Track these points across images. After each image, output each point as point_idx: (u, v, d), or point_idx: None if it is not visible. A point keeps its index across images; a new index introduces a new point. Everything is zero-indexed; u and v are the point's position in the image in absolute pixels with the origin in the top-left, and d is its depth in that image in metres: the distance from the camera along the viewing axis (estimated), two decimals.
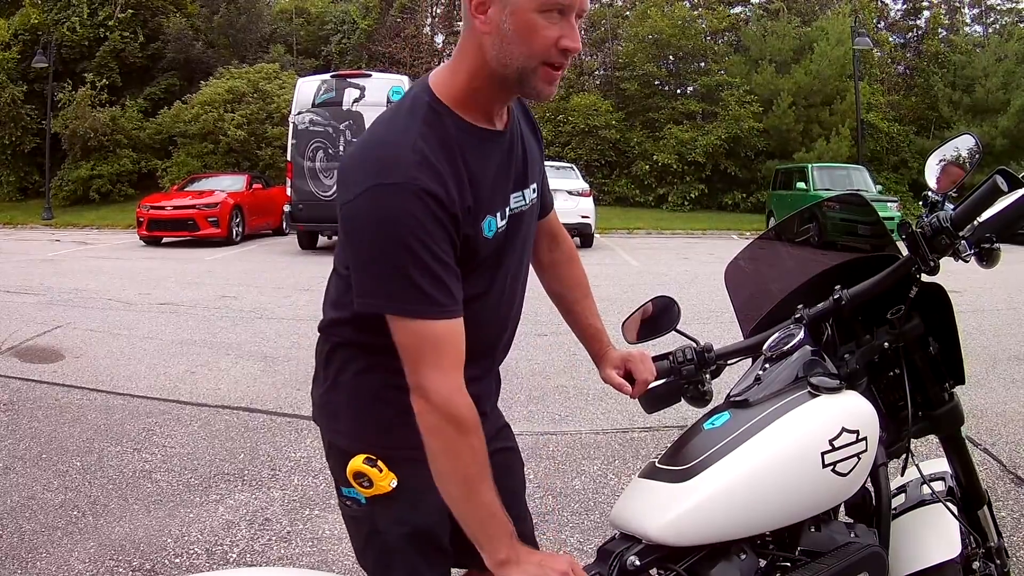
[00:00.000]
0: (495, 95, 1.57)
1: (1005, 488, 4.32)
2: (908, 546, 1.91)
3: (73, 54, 29.70)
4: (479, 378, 1.73)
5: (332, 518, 3.96)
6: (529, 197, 1.72)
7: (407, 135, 1.50)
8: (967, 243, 1.71)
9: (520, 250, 1.73)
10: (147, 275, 13.14)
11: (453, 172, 1.50)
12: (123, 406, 5.91)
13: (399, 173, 1.44)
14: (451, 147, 1.52)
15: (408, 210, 1.43)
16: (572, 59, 1.54)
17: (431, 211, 1.45)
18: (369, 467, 1.63)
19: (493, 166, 1.60)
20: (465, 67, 1.55)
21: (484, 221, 1.57)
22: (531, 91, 1.54)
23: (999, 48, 29.42)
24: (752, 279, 2.32)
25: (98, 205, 27.59)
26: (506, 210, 1.64)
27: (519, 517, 1.93)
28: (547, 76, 1.52)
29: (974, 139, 1.88)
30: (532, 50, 1.48)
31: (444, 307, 1.47)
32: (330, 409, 1.79)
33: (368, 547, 1.77)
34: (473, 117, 1.57)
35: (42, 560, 3.56)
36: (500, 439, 1.92)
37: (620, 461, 4.77)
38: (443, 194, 1.46)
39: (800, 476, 1.59)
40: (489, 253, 1.61)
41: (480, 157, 1.57)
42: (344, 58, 32.16)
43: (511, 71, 1.51)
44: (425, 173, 1.45)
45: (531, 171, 1.74)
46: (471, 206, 1.53)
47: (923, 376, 1.86)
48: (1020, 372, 6.74)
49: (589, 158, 28.72)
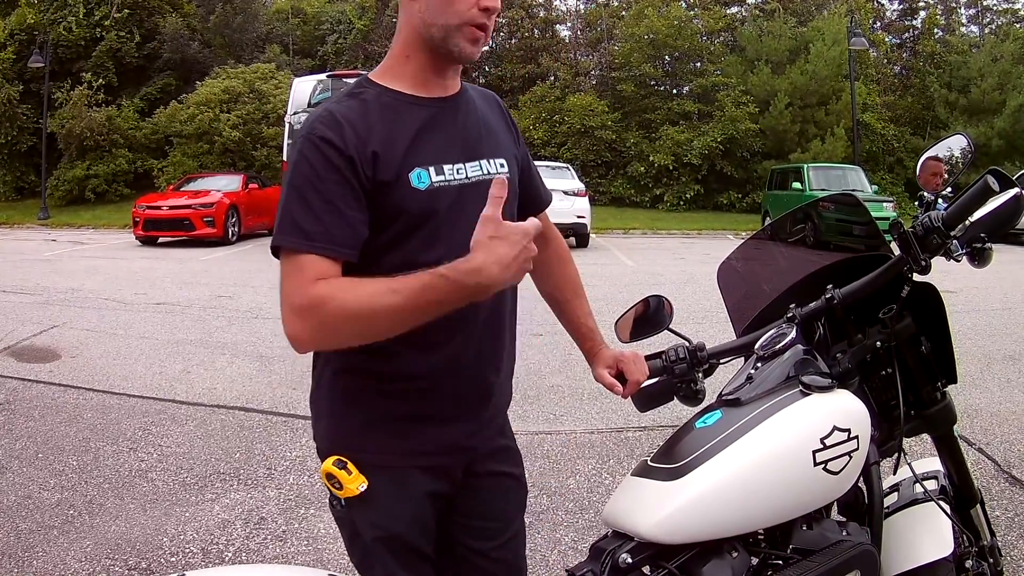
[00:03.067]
0: (423, 62, 1.66)
1: (999, 487, 4.33)
2: (901, 544, 1.92)
3: (69, 54, 29.63)
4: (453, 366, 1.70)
5: (327, 517, 3.96)
6: (490, 170, 1.72)
7: (327, 104, 1.64)
8: (959, 243, 1.72)
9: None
10: (143, 275, 13.12)
11: (360, 123, 1.58)
12: (119, 405, 5.90)
13: (305, 128, 1.59)
14: (366, 108, 1.62)
15: (302, 154, 1.55)
16: (494, 20, 1.63)
17: (321, 152, 1.54)
18: (338, 469, 1.64)
19: (417, 122, 1.65)
20: (400, 40, 1.68)
21: (411, 172, 1.61)
22: (456, 51, 1.62)
23: (995, 49, 29.46)
24: (745, 278, 2.32)
25: (94, 205, 27.53)
26: (445, 168, 1.65)
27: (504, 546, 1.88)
28: (470, 35, 1.61)
29: (966, 139, 1.89)
30: (454, 9, 1.59)
31: (314, 242, 1.51)
32: (313, 409, 1.82)
33: (352, 547, 1.80)
34: (402, 86, 1.67)
35: (39, 559, 3.56)
36: (501, 461, 1.88)
37: (614, 460, 4.78)
38: (335, 138, 1.55)
39: (792, 474, 1.60)
40: (429, 209, 1.62)
41: (400, 114, 1.64)
42: (340, 58, 32.12)
43: (436, 31, 1.61)
44: (325, 123, 1.57)
45: (490, 145, 1.76)
46: (377, 152, 1.57)
47: (915, 375, 1.87)
48: (1015, 372, 6.75)
49: (585, 158, 28.72)
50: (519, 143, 1.89)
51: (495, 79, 31.97)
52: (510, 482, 1.90)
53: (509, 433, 1.93)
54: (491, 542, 1.85)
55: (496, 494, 1.86)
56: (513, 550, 1.91)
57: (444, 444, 1.74)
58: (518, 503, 1.94)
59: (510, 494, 1.91)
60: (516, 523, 1.93)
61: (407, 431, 1.70)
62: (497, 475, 1.86)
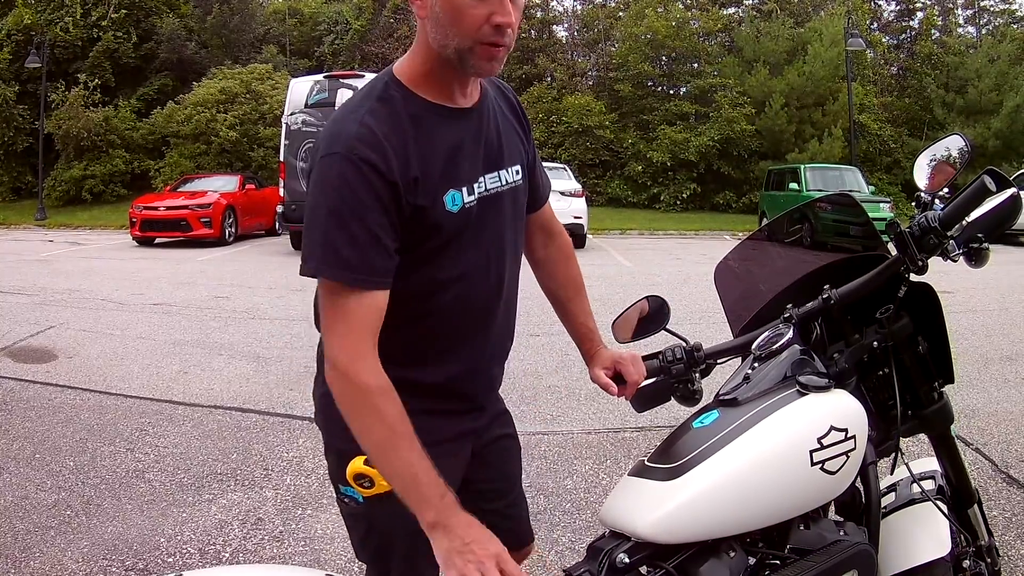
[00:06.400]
0: (446, 75, 1.61)
1: (997, 487, 4.34)
2: (898, 544, 1.91)
3: (66, 54, 29.63)
4: (469, 372, 1.76)
5: (324, 517, 3.97)
6: (508, 179, 1.73)
7: (358, 111, 1.56)
8: (956, 243, 1.72)
9: (500, 233, 1.73)
10: (140, 275, 13.11)
11: (399, 144, 1.54)
12: (116, 406, 5.90)
13: (341, 143, 1.51)
14: (400, 121, 1.57)
15: (344, 177, 1.49)
16: (510, 33, 1.54)
17: (366, 178, 1.49)
18: (370, 467, 1.63)
19: (451, 140, 1.62)
20: (419, 51, 1.62)
21: (446, 195, 1.60)
22: (472, 70, 1.57)
23: (992, 49, 29.52)
24: (742, 279, 2.32)
25: (91, 205, 27.53)
26: (474, 187, 1.65)
27: (513, 502, 2.00)
28: (485, 54, 1.54)
29: (963, 139, 1.89)
30: (463, 31, 1.51)
31: (358, 275, 1.51)
32: (326, 412, 1.79)
33: (367, 543, 1.80)
34: (430, 95, 1.62)
35: (35, 560, 3.56)
36: (498, 425, 1.96)
37: (612, 461, 4.78)
38: (380, 162, 1.50)
39: (789, 474, 1.59)
40: (458, 229, 1.63)
41: (434, 131, 1.60)
42: (337, 58, 32.12)
43: (449, 52, 1.55)
44: (365, 143, 1.51)
45: (508, 153, 1.75)
46: (418, 177, 1.55)
47: (912, 375, 1.87)
48: (1012, 372, 6.76)
49: (583, 159, 28.73)
50: (528, 139, 1.88)
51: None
52: (509, 442, 2.00)
53: (501, 398, 2.01)
54: (503, 500, 1.98)
55: (501, 456, 1.97)
56: (521, 503, 2.05)
57: (455, 433, 1.80)
58: (517, 458, 2.06)
59: (511, 453, 2.02)
60: (519, 476, 2.07)
61: (423, 425, 1.70)
62: (497, 439, 1.95)
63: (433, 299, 1.66)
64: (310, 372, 1.85)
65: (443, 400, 1.75)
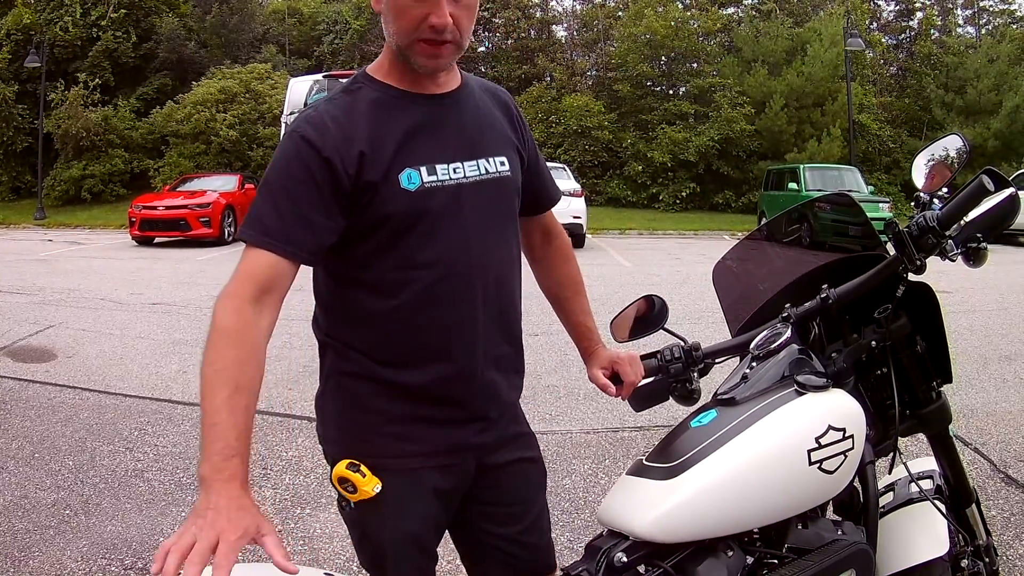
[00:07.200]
0: (406, 65, 1.66)
1: (995, 487, 4.34)
2: (896, 544, 1.92)
3: (65, 54, 29.61)
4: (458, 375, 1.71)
5: (323, 517, 3.97)
6: (488, 168, 1.72)
7: (321, 101, 1.66)
8: (954, 243, 1.72)
9: (480, 222, 1.70)
10: (139, 275, 13.11)
11: (346, 122, 1.60)
12: (115, 405, 5.90)
13: (293, 124, 1.62)
14: (356, 105, 1.64)
15: (282, 153, 1.59)
16: (453, 32, 1.59)
17: (299, 153, 1.56)
18: (352, 472, 1.63)
19: (411, 121, 1.65)
20: (386, 43, 1.69)
21: (401, 172, 1.61)
22: (415, 65, 1.63)
23: (991, 50, 29.51)
24: (740, 278, 2.33)
25: (90, 205, 27.50)
26: (437, 168, 1.65)
27: (528, 529, 1.90)
28: (424, 51, 1.60)
29: (961, 139, 1.89)
30: (403, 29, 1.59)
31: (271, 239, 1.53)
32: (320, 414, 1.81)
33: (361, 548, 1.80)
34: (397, 82, 1.68)
35: (35, 559, 3.56)
36: (517, 447, 1.88)
37: (610, 460, 4.78)
38: (316, 138, 1.56)
39: (787, 473, 1.60)
40: (420, 210, 1.62)
41: (394, 112, 1.65)
42: (336, 58, 32.11)
43: (396, 46, 1.63)
44: (310, 122, 1.59)
45: (490, 144, 1.75)
46: (364, 151, 1.58)
47: (910, 375, 1.88)
48: (1010, 372, 6.76)
49: (582, 159, 28.70)
50: (526, 140, 1.87)
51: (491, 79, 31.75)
52: (527, 465, 1.91)
53: (523, 420, 1.93)
54: (517, 525, 1.88)
55: (516, 480, 1.87)
56: (538, 530, 1.94)
57: (452, 444, 1.74)
58: (538, 484, 1.95)
59: (529, 477, 1.92)
60: (538, 502, 1.94)
61: (416, 434, 1.70)
62: (513, 463, 1.86)
63: (408, 287, 1.64)
64: (308, 371, 1.85)
65: (436, 407, 1.71)
